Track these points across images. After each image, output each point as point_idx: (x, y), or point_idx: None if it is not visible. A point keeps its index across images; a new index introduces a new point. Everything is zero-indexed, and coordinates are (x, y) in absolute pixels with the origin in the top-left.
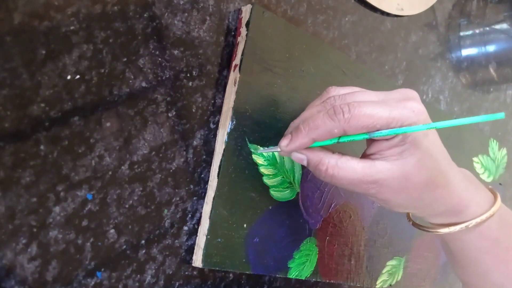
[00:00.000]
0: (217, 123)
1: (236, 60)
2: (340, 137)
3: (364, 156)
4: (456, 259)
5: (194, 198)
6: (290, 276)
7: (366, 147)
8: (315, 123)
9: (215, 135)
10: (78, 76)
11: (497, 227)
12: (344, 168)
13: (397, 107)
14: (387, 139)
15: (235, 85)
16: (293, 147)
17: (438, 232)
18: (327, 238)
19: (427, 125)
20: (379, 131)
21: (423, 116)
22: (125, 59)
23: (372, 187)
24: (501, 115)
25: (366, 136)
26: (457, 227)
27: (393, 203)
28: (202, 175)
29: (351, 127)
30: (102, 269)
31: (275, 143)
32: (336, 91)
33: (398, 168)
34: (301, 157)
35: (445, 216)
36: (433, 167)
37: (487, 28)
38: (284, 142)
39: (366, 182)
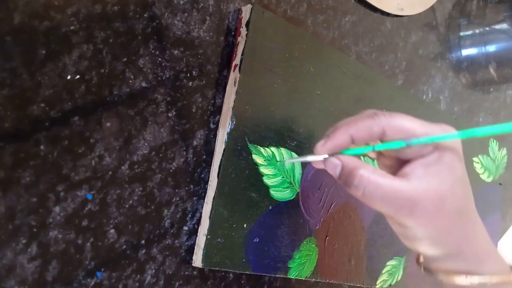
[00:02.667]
0: (217, 123)
1: (236, 60)
2: (375, 145)
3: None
4: None
5: (194, 198)
6: (290, 276)
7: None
8: (354, 119)
9: (215, 135)
10: (78, 76)
11: None
12: (379, 181)
13: (435, 128)
14: (422, 156)
15: (235, 85)
16: (330, 145)
17: (454, 282)
18: (327, 238)
19: (465, 132)
20: (417, 139)
21: (458, 143)
22: (125, 59)
23: (406, 205)
24: None
25: (403, 144)
26: (477, 279)
27: (423, 232)
28: (202, 175)
29: (391, 126)
30: (102, 269)
31: (275, 143)
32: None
33: (434, 189)
34: (335, 163)
35: (465, 261)
36: (466, 195)
37: (487, 28)
38: (320, 142)
39: (400, 198)
